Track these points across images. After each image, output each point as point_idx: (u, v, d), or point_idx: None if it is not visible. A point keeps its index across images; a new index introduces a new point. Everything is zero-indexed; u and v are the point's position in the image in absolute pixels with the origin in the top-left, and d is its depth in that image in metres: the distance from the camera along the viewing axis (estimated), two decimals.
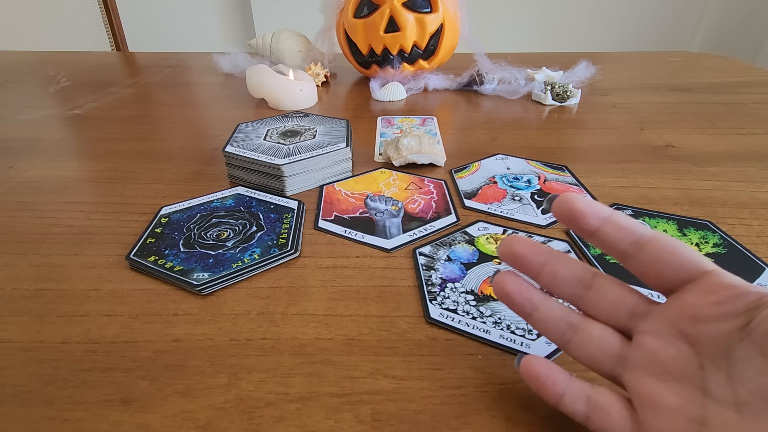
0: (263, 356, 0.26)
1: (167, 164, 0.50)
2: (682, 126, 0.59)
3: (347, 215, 0.40)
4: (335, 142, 0.46)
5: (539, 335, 0.27)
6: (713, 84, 0.77)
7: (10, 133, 0.59)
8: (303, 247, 0.36)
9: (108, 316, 0.29)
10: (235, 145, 0.45)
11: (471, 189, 0.44)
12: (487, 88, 0.73)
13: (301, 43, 0.82)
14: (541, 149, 0.53)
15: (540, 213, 0.40)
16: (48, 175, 0.47)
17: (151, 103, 0.71)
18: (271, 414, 0.23)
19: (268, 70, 0.65)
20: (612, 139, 0.55)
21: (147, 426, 0.22)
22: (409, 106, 0.68)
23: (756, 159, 0.49)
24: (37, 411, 0.23)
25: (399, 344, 0.27)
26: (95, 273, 0.33)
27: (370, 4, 0.70)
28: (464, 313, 0.29)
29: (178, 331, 0.28)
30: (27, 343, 0.27)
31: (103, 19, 1.84)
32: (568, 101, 0.68)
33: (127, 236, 0.37)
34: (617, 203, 0.41)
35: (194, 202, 0.42)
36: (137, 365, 0.26)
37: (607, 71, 0.80)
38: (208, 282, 0.31)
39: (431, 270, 0.33)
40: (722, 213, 0.40)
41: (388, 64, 0.73)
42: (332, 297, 0.31)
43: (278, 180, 0.42)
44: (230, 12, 2.05)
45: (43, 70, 0.87)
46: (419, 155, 0.47)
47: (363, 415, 0.23)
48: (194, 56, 0.98)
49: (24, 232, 0.38)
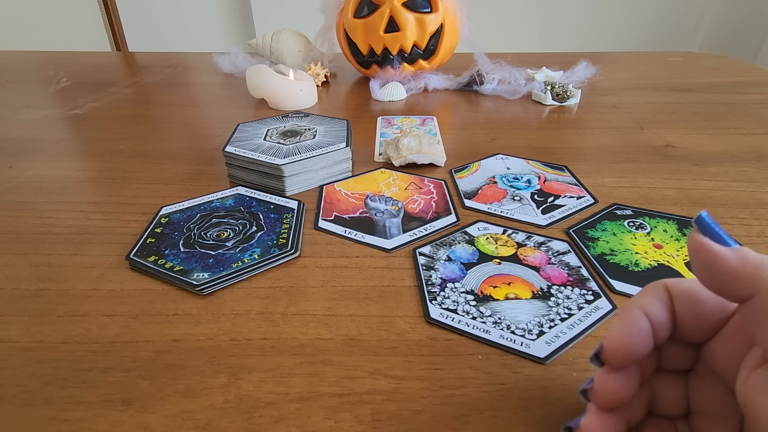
0: (263, 356, 0.26)
1: (167, 164, 0.50)
2: (682, 126, 0.59)
3: (347, 215, 0.40)
4: (335, 142, 0.46)
5: (539, 335, 0.27)
6: (713, 84, 0.77)
7: (10, 133, 0.59)
8: (303, 247, 0.36)
9: (108, 316, 0.29)
10: (235, 145, 0.45)
11: (471, 189, 0.44)
12: (487, 88, 0.73)
13: (301, 43, 0.82)
14: (541, 149, 0.53)
15: (540, 213, 0.40)
16: (48, 175, 0.47)
17: (151, 103, 0.71)
18: (271, 414, 0.23)
19: (268, 70, 0.65)
20: (612, 139, 0.55)
21: (147, 426, 0.22)
22: (409, 106, 0.68)
23: (756, 159, 0.49)
24: (37, 411, 0.23)
25: (399, 344, 0.27)
26: (95, 273, 0.33)
27: (370, 4, 0.70)
28: (464, 313, 0.29)
29: (178, 331, 0.28)
30: (27, 343, 0.27)
31: (103, 19, 1.84)
32: (568, 101, 0.68)
33: (127, 236, 0.37)
34: (617, 203, 0.41)
35: (194, 202, 0.42)
36: (137, 365, 0.26)
37: (607, 71, 0.80)
38: (208, 282, 0.31)
39: (431, 270, 0.33)
40: (722, 213, 0.40)
41: (388, 64, 0.73)
42: (332, 297, 0.31)
43: (278, 180, 0.42)
44: (230, 12, 2.05)
45: (43, 70, 0.87)
46: (419, 155, 0.47)
47: (363, 415, 0.23)
48: (194, 56, 0.98)
49: (24, 232, 0.38)
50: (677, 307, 0.19)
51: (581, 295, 0.30)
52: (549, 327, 0.28)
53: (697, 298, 0.19)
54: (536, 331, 0.28)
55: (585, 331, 0.28)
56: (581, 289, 0.31)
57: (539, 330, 0.28)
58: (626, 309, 0.19)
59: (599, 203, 0.41)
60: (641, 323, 0.18)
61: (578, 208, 0.40)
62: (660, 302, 0.19)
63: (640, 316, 0.18)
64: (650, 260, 0.34)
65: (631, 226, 0.38)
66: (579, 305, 0.30)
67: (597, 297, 0.30)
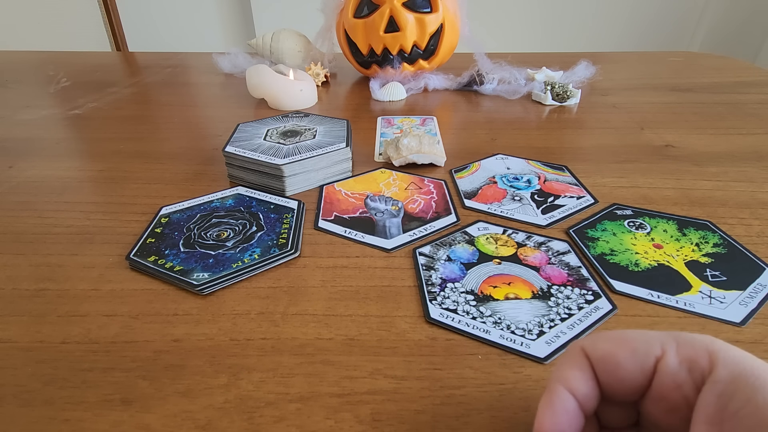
0: (263, 356, 0.26)
1: (167, 164, 0.50)
2: (682, 126, 0.59)
3: (347, 215, 0.40)
4: (335, 142, 0.46)
5: (539, 335, 0.27)
6: (713, 84, 0.77)
7: (10, 133, 0.59)
8: (303, 247, 0.36)
9: (108, 316, 0.29)
10: (235, 145, 0.45)
11: (471, 189, 0.44)
12: (487, 88, 0.73)
13: (301, 43, 0.82)
14: (541, 149, 0.53)
15: (540, 213, 0.40)
16: (48, 175, 0.47)
17: (151, 103, 0.71)
18: (271, 414, 0.23)
19: (268, 70, 0.65)
20: (612, 139, 0.55)
21: (147, 426, 0.22)
22: (409, 106, 0.68)
23: (756, 159, 0.49)
24: (37, 411, 0.23)
25: (399, 344, 0.27)
26: (95, 273, 0.33)
27: (370, 4, 0.70)
28: (464, 313, 0.29)
29: (178, 331, 0.28)
30: (27, 343, 0.27)
31: (103, 19, 1.84)
32: (568, 101, 0.68)
33: (127, 236, 0.37)
34: (617, 203, 0.41)
35: (194, 202, 0.42)
36: (137, 365, 0.26)
37: (607, 71, 0.80)
38: (208, 282, 0.31)
39: (431, 270, 0.33)
40: (722, 213, 0.40)
41: (388, 64, 0.73)
42: (332, 297, 0.31)
43: (278, 180, 0.42)
44: (230, 12, 2.04)
45: (43, 70, 0.87)
46: (419, 155, 0.47)
47: (363, 415, 0.23)
48: (194, 56, 0.98)
49: (24, 232, 0.38)
50: (599, 372, 0.19)
51: (581, 295, 0.30)
52: (549, 327, 0.28)
53: (617, 361, 0.18)
54: (536, 331, 0.28)
55: (585, 331, 0.28)
56: (581, 289, 0.31)
57: (539, 330, 0.28)
58: (550, 387, 0.19)
59: (599, 203, 0.41)
60: (566, 403, 0.18)
61: (578, 208, 0.40)
62: (581, 372, 0.19)
63: (564, 396, 0.18)
64: (650, 260, 0.34)
65: (631, 226, 0.38)
66: (579, 305, 0.30)
67: (597, 297, 0.30)
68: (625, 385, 0.18)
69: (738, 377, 0.16)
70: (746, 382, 0.16)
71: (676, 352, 0.18)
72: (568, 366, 0.19)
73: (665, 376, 0.18)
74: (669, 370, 0.17)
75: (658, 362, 0.18)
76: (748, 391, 0.15)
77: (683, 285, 0.31)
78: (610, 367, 0.18)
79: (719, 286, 0.31)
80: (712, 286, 0.31)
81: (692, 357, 0.17)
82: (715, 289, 0.31)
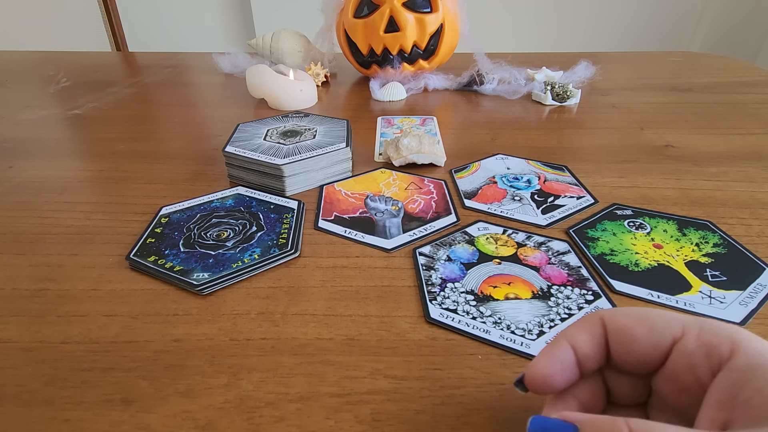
0: (263, 356, 0.26)
1: (167, 164, 0.50)
2: (682, 126, 0.59)
3: (347, 215, 0.40)
4: (335, 142, 0.46)
5: (539, 335, 0.27)
6: (713, 84, 0.77)
7: (10, 133, 0.59)
8: (303, 247, 0.36)
9: (108, 316, 0.29)
10: (235, 145, 0.45)
11: (471, 189, 0.44)
12: (487, 88, 0.73)
13: (301, 43, 0.82)
14: (541, 149, 0.53)
15: (540, 213, 0.40)
16: (48, 175, 0.47)
17: (151, 103, 0.71)
18: (271, 414, 0.23)
19: (268, 70, 0.65)
20: (612, 139, 0.55)
21: (147, 426, 0.22)
22: (409, 106, 0.68)
23: (756, 159, 0.49)
24: (37, 411, 0.23)
25: (399, 344, 0.27)
26: (95, 273, 0.33)
27: (370, 4, 0.70)
28: (464, 313, 0.29)
29: (178, 331, 0.28)
30: (27, 343, 0.27)
31: (103, 19, 1.84)
32: (568, 101, 0.68)
33: (127, 236, 0.37)
34: (617, 203, 0.41)
35: (194, 202, 0.42)
36: (137, 365, 0.26)
37: (607, 71, 0.80)
38: (208, 282, 0.31)
39: (431, 270, 0.33)
40: (722, 213, 0.40)
41: (388, 64, 0.73)
42: (332, 297, 0.31)
43: (278, 180, 0.42)
44: (230, 12, 2.05)
45: (43, 70, 0.87)
46: (419, 155, 0.47)
47: (363, 415, 0.23)
48: (194, 56, 0.98)
49: (24, 232, 0.38)
50: (611, 342, 0.19)
51: (581, 295, 0.30)
52: (549, 327, 0.28)
53: (632, 336, 0.19)
54: (536, 331, 0.28)
55: None
56: (581, 289, 0.31)
57: (539, 330, 0.28)
58: (555, 339, 0.19)
59: (599, 203, 0.41)
60: (564, 355, 0.19)
61: (578, 208, 0.40)
62: (589, 335, 0.19)
63: (564, 348, 0.19)
64: (650, 260, 0.34)
65: (631, 226, 0.38)
66: (579, 305, 0.30)
67: (597, 297, 0.30)
68: (637, 359, 0.19)
69: (756, 368, 0.16)
70: (763, 373, 0.16)
71: (697, 336, 0.18)
72: (579, 327, 0.20)
73: (680, 356, 0.18)
74: (685, 351, 0.18)
75: (675, 343, 0.18)
76: (763, 382, 0.16)
77: (683, 285, 0.31)
78: (625, 339, 0.19)
79: (719, 286, 0.31)
80: (712, 286, 0.31)
81: (713, 343, 0.17)
82: (715, 289, 0.31)
